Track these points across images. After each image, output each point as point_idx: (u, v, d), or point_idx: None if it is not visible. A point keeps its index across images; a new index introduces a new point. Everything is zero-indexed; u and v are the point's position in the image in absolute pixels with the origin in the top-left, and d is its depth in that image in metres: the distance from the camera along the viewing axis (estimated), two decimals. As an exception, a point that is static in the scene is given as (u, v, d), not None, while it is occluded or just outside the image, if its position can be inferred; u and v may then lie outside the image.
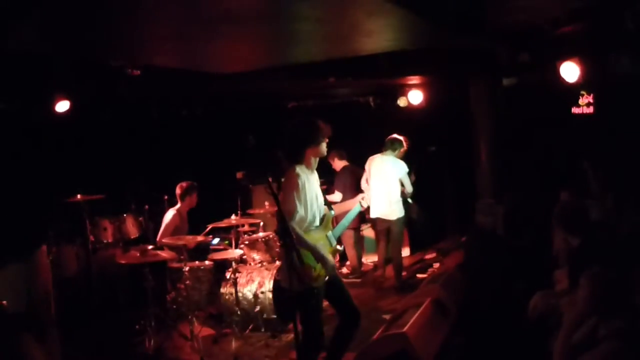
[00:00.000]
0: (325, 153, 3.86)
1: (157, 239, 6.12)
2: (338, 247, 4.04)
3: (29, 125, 6.23)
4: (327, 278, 3.78)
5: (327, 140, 3.79)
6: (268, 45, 4.45)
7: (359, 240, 7.59)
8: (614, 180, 5.00)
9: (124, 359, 5.31)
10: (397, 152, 6.77)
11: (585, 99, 6.66)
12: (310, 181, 3.77)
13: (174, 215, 6.21)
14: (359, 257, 7.50)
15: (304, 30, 3.97)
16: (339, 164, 7.40)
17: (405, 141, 6.84)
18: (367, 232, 8.05)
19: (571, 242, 3.21)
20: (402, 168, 6.65)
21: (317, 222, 3.86)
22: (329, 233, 3.95)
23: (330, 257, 3.76)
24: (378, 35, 4.46)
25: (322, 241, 3.83)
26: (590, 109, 6.64)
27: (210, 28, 3.64)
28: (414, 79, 7.41)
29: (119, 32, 3.57)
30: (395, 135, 6.84)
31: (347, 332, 3.92)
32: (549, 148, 7.03)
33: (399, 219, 6.68)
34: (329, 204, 4.02)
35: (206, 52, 4.47)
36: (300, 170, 3.73)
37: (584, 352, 2.44)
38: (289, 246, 3.23)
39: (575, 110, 6.77)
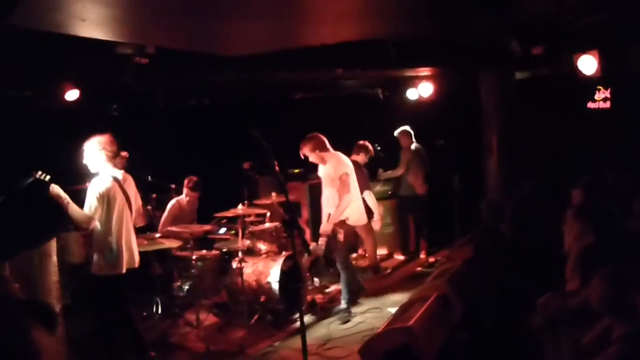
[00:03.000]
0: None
1: (159, 228, 6.15)
2: None
3: (39, 113, 6.25)
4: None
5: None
6: (279, 24, 4.36)
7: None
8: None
9: (129, 346, 5.34)
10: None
11: (601, 94, 6.49)
12: None
13: (173, 205, 6.28)
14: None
15: (317, 8, 3.89)
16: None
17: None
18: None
19: (585, 239, 3.17)
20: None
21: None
22: None
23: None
24: (398, 15, 4.36)
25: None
26: (607, 104, 6.47)
27: (218, 3, 3.58)
28: (424, 71, 7.33)
29: (123, 5, 3.51)
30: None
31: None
32: (561, 144, 6.92)
33: None
34: None
35: (213, 31, 4.40)
36: None
37: (595, 353, 2.40)
38: (292, 236, 3.42)
39: (590, 105, 6.60)
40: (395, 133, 7.85)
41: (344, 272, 5.88)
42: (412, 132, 7.81)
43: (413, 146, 7.79)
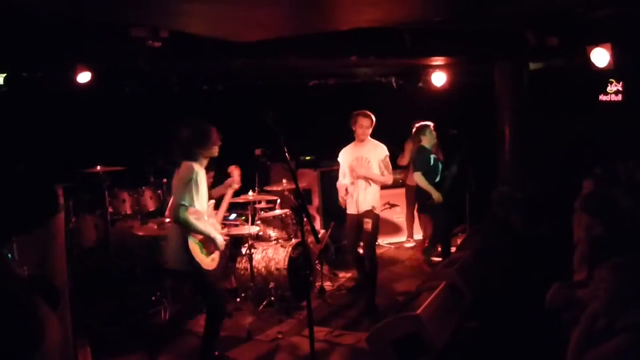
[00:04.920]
0: (216, 155, 4.31)
1: (166, 212, 6.17)
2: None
3: (51, 95, 6.29)
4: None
5: (217, 145, 4.28)
6: (293, 10, 4.34)
7: None
8: None
9: (139, 329, 5.40)
10: None
11: (614, 87, 6.45)
12: (202, 177, 4.16)
13: None
14: None
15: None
16: None
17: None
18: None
19: (594, 231, 3.15)
20: None
21: (206, 215, 4.24)
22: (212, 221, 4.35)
23: (221, 239, 4.19)
24: (414, 2, 4.31)
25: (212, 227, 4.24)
26: (619, 97, 6.43)
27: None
28: (438, 60, 7.28)
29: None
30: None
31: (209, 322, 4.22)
32: (574, 135, 6.87)
33: None
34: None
35: (228, 16, 4.39)
36: (196, 166, 4.09)
37: (599, 343, 2.40)
38: (301, 223, 3.55)
39: (602, 97, 6.56)
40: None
41: (372, 266, 5.64)
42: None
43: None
